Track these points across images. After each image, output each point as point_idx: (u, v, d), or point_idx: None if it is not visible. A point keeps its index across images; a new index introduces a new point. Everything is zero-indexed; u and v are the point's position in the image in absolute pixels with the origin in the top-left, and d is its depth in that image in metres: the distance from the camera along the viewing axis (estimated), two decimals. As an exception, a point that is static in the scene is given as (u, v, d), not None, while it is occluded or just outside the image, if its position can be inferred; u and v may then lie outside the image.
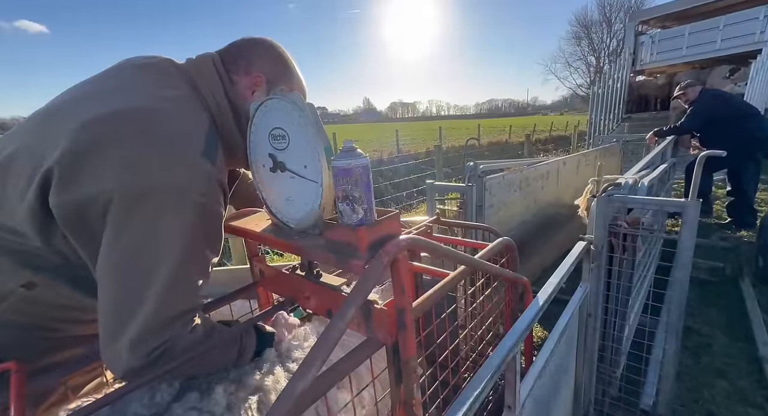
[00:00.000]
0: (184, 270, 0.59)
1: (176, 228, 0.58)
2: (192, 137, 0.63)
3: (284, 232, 0.75)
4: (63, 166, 0.55)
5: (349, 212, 0.58)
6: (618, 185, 1.49)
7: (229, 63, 0.76)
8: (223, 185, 0.68)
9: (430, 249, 0.66)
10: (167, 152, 0.59)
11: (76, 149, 0.55)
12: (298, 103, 0.64)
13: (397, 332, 0.63)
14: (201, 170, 0.62)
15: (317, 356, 0.47)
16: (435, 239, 1.13)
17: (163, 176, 0.57)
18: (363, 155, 0.59)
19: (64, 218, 0.56)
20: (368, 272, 0.55)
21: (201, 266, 0.63)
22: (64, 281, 0.63)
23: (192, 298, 0.63)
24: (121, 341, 0.55)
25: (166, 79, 0.68)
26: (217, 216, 0.67)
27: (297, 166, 0.69)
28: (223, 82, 0.74)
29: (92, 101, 0.61)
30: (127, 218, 0.56)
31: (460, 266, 0.84)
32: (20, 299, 0.62)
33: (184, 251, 0.59)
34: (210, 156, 0.64)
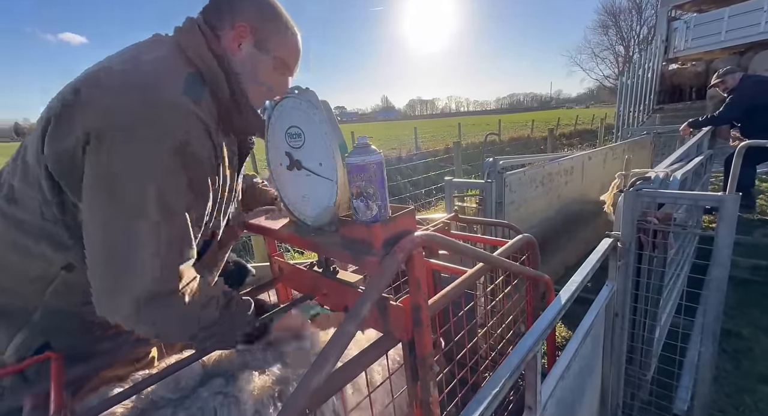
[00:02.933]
0: (166, 205, 0.58)
1: (154, 162, 0.57)
2: (171, 79, 0.62)
3: (301, 229, 0.77)
4: (55, 117, 0.59)
5: (364, 209, 0.59)
6: (647, 179, 1.41)
7: (213, 19, 0.72)
8: (210, 129, 0.66)
9: (447, 246, 0.65)
10: (146, 93, 0.59)
11: (65, 101, 0.59)
12: (313, 101, 0.65)
13: (413, 328, 0.63)
14: (181, 106, 0.61)
15: (332, 351, 0.47)
16: (453, 237, 1.11)
17: (143, 113, 0.57)
18: (377, 152, 0.58)
19: (59, 171, 0.59)
20: (383, 268, 0.55)
21: (184, 203, 0.61)
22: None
23: (181, 239, 0.60)
24: (114, 290, 0.55)
25: (155, 45, 0.68)
26: (200, 160, 0.64)
27: (312, 164, 0.70)
28: (207, 37, 0.69)
29: (90, 69, 0.65)
30: (107, 153, 0.56)
31: (479, 263, 0.83)
32: (63, 282, 0.66)
33: (162, 182, 0.58)
34: (192, 95, 0.63)
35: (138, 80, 0.60)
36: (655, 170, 1.51)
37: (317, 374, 0.45)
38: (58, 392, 0.54)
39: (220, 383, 0.58)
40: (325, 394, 0.51)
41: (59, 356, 0.66)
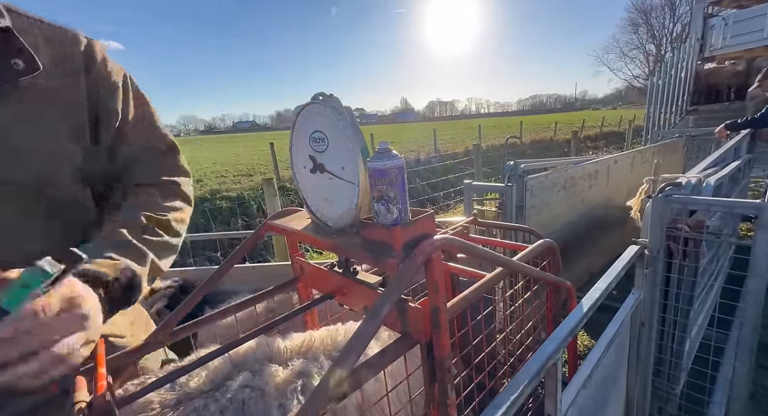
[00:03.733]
0: None
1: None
2: None
3: (323, 230, 0.79)
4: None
5: (384, 212, 0.60)
6: (677, 185, 1.36)
7: None
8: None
9: (466, 250, 0.66)
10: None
11: None
12: (337, 107, 0.67)
13: (431, 330, 0.64)
14: None
15: (353, 348, 0.49)
16: (472, 241, 1.11)
17: None
18: (398, 156, 0.60)
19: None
20: (402, 270, 0.56)
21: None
22: None
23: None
24: None
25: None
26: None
27: (335, 167, 0.72)
28: None
29: None
30: None
31: (498, 268, 0.83)
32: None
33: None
34: None
35: None
36: (687, 175, 1.45)
37: (339, 369, 0.46)
38: (102, 374, 0.58)
39: (247, 376, 0.60)
40: (347, 389, 0.52)
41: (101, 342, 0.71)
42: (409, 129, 40.46)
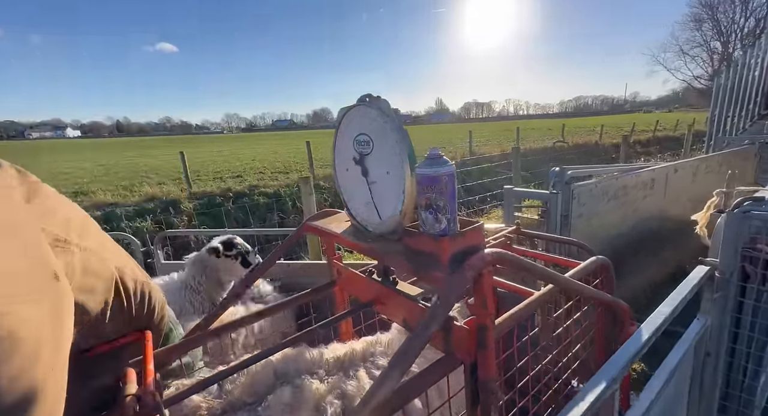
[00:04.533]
0: None
1: None
2: None
3: (362, 235, 0.77)
4: None
5: (432, 221, 0.57)
6: (758, 200, 1.20)
7: None
8: None
9: (520, 265, 0.61)
10: None
11: None
12: (385, 109, 0.65)
13: (476, 351, 0.59)
14: None
15: (397, 367, 0.46)
16: (515, 252, 1.04)
17: None
18: (449, 163, 0.56)
19: None
20: (451, 286, 0.52)
21: None
22: None
23: None
24: None
25: None
26: None
27: (379, 171, 0.70)
28: None
29: None
30: None
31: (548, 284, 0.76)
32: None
33: None
34: None
35: None
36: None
37: (383, 388, 0.44)
38: (150, 370, 0.60)
39: (287, 393, 0.60)
40: (387, 411, 0.49)
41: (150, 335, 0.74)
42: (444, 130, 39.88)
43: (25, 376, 0.32)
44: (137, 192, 6.96)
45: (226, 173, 9.91)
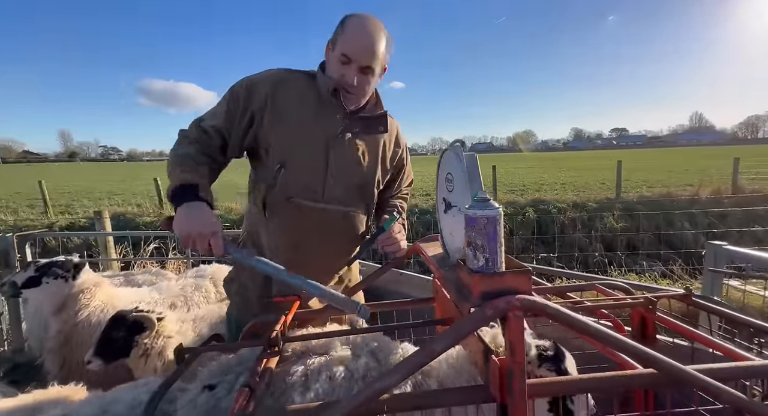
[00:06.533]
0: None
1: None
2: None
3: (443, 261, 0.87)
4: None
5: (471, 257, 0.63)
6: None
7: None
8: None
9: (567, 322, 0.56)
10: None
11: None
12: (458, 154, 0.75)
13: (506, 393, 0.60)
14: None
15: (402, 367, 0.57)
16: (681, 331, 0.83)
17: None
18: (494, 207, 0.61)
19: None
20: (469, 317, 0.57)
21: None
22: None
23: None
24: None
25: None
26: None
27: (457, 207, 0.79)
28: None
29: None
30: None
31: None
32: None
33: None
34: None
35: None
36: None
37: (381, 382, 0.55)
38: (288, 319, 0.93)
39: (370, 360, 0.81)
40: (393, 408, 0.59)
41: (300, 298, 1.11)
42: (702, 155, 29.55)
43: None
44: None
45: (418, 190, 11.22)
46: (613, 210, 7.07)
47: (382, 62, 1.10)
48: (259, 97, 1.10)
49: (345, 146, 1.15)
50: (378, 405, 0.59)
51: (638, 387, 0.62)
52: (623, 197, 8.01)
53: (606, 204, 7.45)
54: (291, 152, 1.11)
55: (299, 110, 1.12)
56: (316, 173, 1.13)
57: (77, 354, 1.63)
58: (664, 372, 0.57)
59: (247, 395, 0.67)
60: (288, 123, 1.11)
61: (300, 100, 1.12)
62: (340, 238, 1.22)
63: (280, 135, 1.12)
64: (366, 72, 1.08)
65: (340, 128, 1.13)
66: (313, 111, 1.12)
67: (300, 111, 1.12)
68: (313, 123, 1.12)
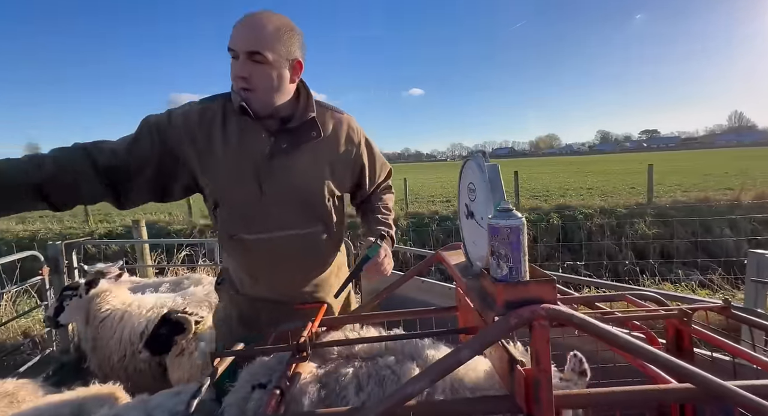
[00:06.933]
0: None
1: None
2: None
3: (466, 270, 0.88)
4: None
5: (495, 266, 0.64)
6: None
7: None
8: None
9: (593, 332, 0.56)
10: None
11: None
12: (480, 164, 0.76)
13: (533, 404, 0.60)
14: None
15: (426, 374, 0.58)
16: (716, 343, 0.80)
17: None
18: (517, 217, 0.62)
19: None
20: (493, 326, 0.58)
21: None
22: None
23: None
24: None
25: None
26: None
27: (479, 216, 0.80)
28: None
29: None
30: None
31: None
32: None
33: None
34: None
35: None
36: None
37: (407, 388, 0.57)
38: (314, 326, 0.96)
39: (392, 360, 0.83)
40: (417, 414, 0.60)
41: (325, 307, 1.14)
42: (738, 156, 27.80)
43: None
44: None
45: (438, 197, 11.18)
46: (645, 216, 6.75)
47: (276, 49, 0.93)
48: (178, 135, 0.99)
49: (277, 168, 1.03)
50: (404, 411, 0.60)
51: (673, 401, 0.60)
52: (655, 202, 7.64)
53: (636, 210, 7.13)
54: (221, 188, 1.03)
55: (222, 142, 1.01)
56: (250, 205, 1.04)
57: (105, 353, 1.83)
58: (701, 387, 0.56)
59: (278, 397, 0.70)
60: (213, 159, 1.01)
61: (221, 131, 1.01)
62: (302, 263, 1.13)
63: (208, 173, 1.02)
64: (255, 59, 0.92)
65: (267, 149, 1.02)
66: (236, 139, 1.01)
67: (223, 143, 1.01)
68: (238, 153, 1.01)
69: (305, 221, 1.09)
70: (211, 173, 1.02)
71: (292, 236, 1.08)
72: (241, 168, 1.02)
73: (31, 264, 2.51)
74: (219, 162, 1.01)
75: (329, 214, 1.13)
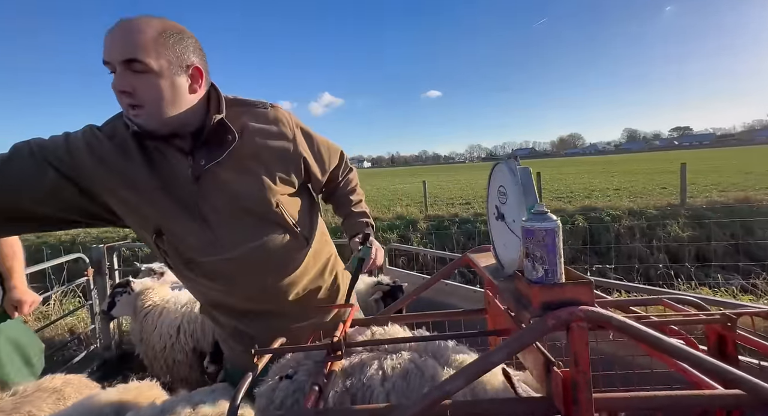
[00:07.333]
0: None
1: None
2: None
3: (497, 272, 0.88)
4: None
5: (530, 269, 0.64)
6: None
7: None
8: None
9: (635, 335, 0.56)
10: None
11: None
12: (512, 168, 0.77)
13: (571, 405, 0.60)
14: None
15: (463, 373, 0.59)
16: (747, 343, 0.77)
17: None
18: (552, 219, 0.63)
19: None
20: (529, 327, 0.59)
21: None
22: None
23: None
24: None
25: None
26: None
27: (510, 219, 0.81)
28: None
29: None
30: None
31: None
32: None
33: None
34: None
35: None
36: None
37: (445, 386, 0.59)
38: (345, 327, 0.99)
39: (414, 356, 0.85)
40: (453, 413, 0.61)
41: (356, 307, 1.18)
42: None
43: None
44: (392, 211, 9.11)
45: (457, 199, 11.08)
46: (678, 217, 6.44)
47: (161, 54, 0.81)
48: (83, 163, 0.87)
49: (208, 190, 0.93)
50: (440, 409, 0.62)
51: (719, 407, 0.58)
52: (690, 203, 7.27)
53: (669, 211, 6.81)
54: (156, 220, 0.93)
55: (138, 173, 0.90)
56: (195, 234, 0.94)
57: (149, 344, 1.99)
58: (752, 394, 0.54)
59: (317, 394, 0.73)
60: (133, 194, 0.90)
61: (133, 162, 0.90)
62: (274, 271, 1.05)
63: (132, 209, 0.92)
64: (135, 68, 0.79)
65: (189, 172, 0.91)
66: (151, 168, 0.90)
67: (141, 174, 0.90)
68: (158, 185, 0.91)
69: (263, 228, 1.00)
70: (135, 209, 0.92)
71: (252, 250, 0.99)
72: (169, 201, 0.91)
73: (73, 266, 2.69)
74: (142, 198, 0.90)
75: (283, 215, 1.02)
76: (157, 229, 0.94)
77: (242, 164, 0.96)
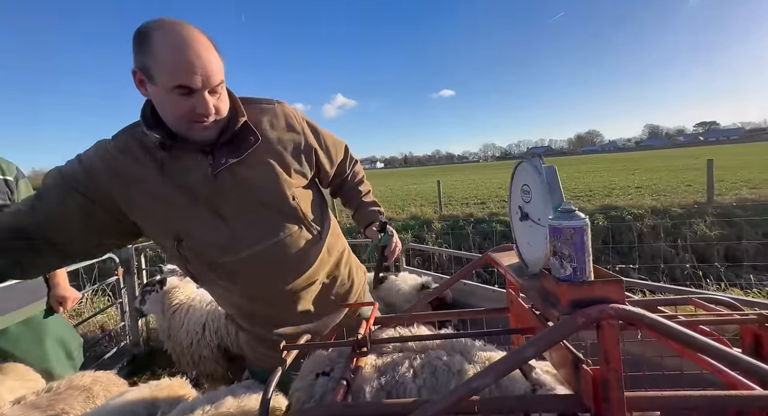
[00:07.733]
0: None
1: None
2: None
3: (521, 270, 0.89)
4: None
5: (558, 267, 0.64)
6: None
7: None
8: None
9: (665, 333, 0.55)
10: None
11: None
12: (537, 166, 0.77)
13: (602, 403, 0.60)
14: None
15: (492, 370, 0.60)
16: None
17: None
18: (580, 217, 0.63)
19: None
20: (559, 325, 0.59)
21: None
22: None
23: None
24: None
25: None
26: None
27: (535, 217, 0.81)
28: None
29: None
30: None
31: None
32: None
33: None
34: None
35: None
36: None
37: (474, 382, 0.59)
38: (369, 324, 1.01)
39: (441, 353, 0.87)
40: (481, 409, 0.62)
41: (377, 306, 1.19)
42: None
43: None
44: (406, 211, 9.10)
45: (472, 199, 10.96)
46: (705, 216, 6.19)
47: (222, 70, 0.87)
48: (101, 181, 0.90)
49: (227, 187, 0.95)
50: (469, 405, 0.63)
51: (758, 408, 0.57)
52: (717, 201, 6.97)
53: (695, 209, 6.55)
54: (175, 224, 0.95)
55: (156, 179, 0.93)
56: (216, 232, 0.96)
57: (177, 340, 2.07)
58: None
59: (345, 388, 0.75)
60: (151, 199, 0.93)
61: (149, 168, 0.93)
62: (293, 267, 1.06)
63: (148, 213, 0.95)
64: (217, 91, 0.86)
65: (208, 171, 0.93)
66: (171, 172, 0.93)
67: (158, 180, 0.93)
68: (178, 185, 0.93)
69: (279, 225, 1.01)
70: (150, 214, 0.94)
71: (269, 247, 1.00)
72: (185, 199, 0.93)
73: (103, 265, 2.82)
74: (159, 200, 0.93)
75: (298, 208, 1.04)
76: (176, 234, 0.96)
77: (258, 159, 0.99)
